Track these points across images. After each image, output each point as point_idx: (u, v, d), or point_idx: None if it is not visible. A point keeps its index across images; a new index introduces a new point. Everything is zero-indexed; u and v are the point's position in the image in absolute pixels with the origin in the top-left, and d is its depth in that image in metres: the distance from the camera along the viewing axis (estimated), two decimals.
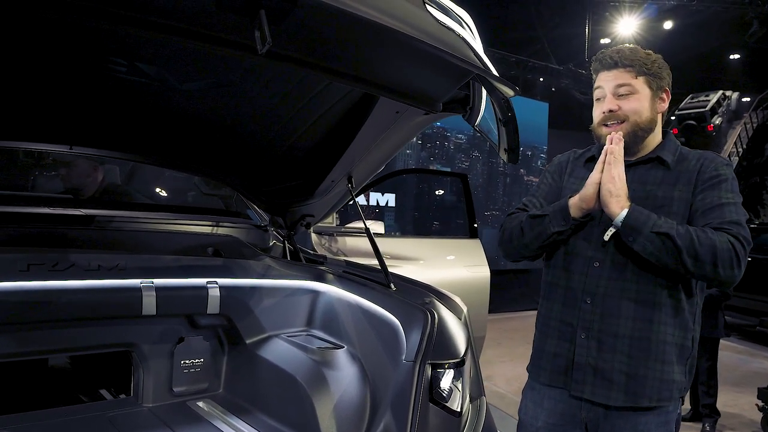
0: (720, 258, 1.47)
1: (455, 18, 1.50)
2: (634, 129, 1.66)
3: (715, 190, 1.60)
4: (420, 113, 1.97)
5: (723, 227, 1.52)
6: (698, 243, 1.48)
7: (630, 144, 1.67)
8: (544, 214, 1.70)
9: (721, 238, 1.49)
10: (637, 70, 1.65)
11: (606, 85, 1.68)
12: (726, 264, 1.48)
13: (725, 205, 1.56)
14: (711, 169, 1.63)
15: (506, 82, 1.56)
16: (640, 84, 1.66)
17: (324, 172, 2.38)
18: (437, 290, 2.12)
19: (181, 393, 2.21)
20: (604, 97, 1.68)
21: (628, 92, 1.65)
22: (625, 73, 1.65)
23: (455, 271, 3.97)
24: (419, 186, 11.98)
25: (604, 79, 1.69)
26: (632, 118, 1.65)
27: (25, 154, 2.73)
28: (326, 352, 2.08)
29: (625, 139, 1.65)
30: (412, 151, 12.29)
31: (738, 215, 1.56)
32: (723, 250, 1.48)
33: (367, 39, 1.37)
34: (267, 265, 2.42)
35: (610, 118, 1.67)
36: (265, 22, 1.05)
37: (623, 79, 1.65)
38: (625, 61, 1.65)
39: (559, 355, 1.71)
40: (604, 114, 1.67)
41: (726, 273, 1.49)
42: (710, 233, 1.50)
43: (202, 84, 2.02)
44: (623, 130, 1.65)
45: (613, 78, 1.67)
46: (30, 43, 1.66)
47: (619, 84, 1.66)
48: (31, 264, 1.84)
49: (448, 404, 1.73)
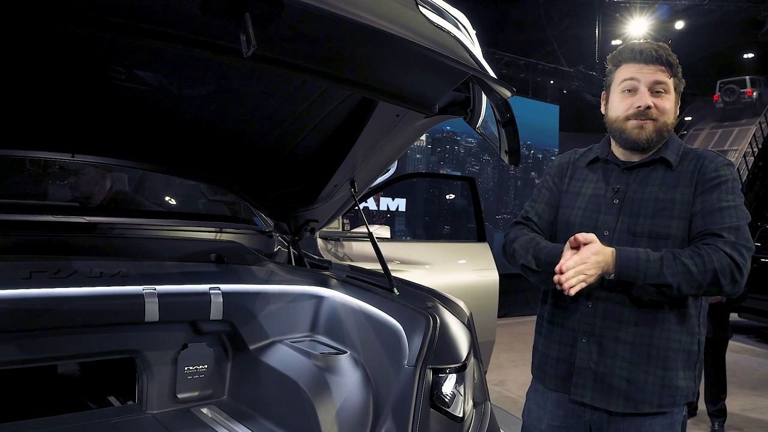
0: (723, 277, 1.46)
1: (450, 19, 1.49)
2: (661, 128, 1.63)
3: (714, 193, 1.57)
4: (420, 116, 1.96)
5: (722, 234, 1.50)
6: (697, 272, 1.47)
7: (654, 142, 1.64)
8: (538, 270, 1.65)
9: (720, 257, 1.47)
10: (671, 71, 1.62)
11: (643, 79, 1.61)
12: (728, 281, 1.47)
13: (725, 209, 1.54)
14: (711, 169, 1.60)
15: (503, 83, 1.54)
16: (671, 84, 1.63)
17: (326, 177, 2.37)
18: (441, 294, 2.11)
19: (185, 399, 2.21)
20: (636, 89, 1.62)
21: (663, 90, 1.62)
22: (664, 71, 1.61)
23: (463, 275, 3.94)
24: (430, 190, 11.98)
25: (640, 72, 1.62)
26: (662, 118, 1.62)
27: (32, 162, 2.76)
28: (329, 358, 2.07)
29: (653, 139, 1.62)
30: (422, 155, 12.29)
31: (738, 219, 1.53)
32: (723, 268, 1.46)
33: (356, 41, 1.36)
34: (270, 270, 2.42)
35: (643, 115, 1.61)
36: (250, 25, 1.04)
37: (662, 77, 1.61)
38: (667, 58, 1.61)
39: (562, 360, 1.70)
40: (638, 109, 1.61)
41: (730, 288, 1.48)
42: (706, 255, 1.47)
43: (201, 90, 2.03)
44: (650, 127, 1.61)
45: (652, 73, 1.61)
46: (30, 53, 1.68)
47: (658, 81, 1.61)
48: (33, 271, 1.84)
49: (449, 410, 1.71)
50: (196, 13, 1.08)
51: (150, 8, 1.13)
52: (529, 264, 1.67)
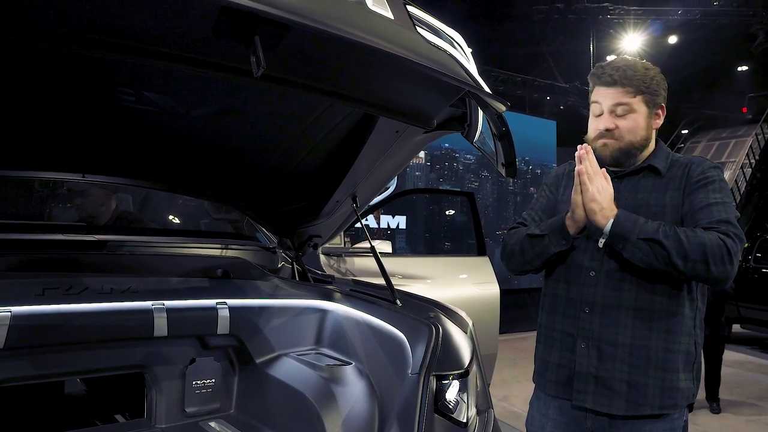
0: (711, 255, 1.47)
1: (446, 38, 1.56)
2: (629, 147, 1.68)
3: (702, 192, 1.61)
4: (419, 132, 2.02)
5: (712, 226, 1.53)
6: (687, 243, 1.49)
7: (623, 161, 1.70)
8: (543, 234, 1.71)
9: (711, 236, 1.49)
10: (636, 89, 1.65)
11: (604, 102, 1.68)
12: (717, 261, 1.47)
13: (713, 205, 1.57)
14: (698, 172, 1.65)
15: (497, 98, 1.61)
16: (638, 103, 1.66)
17: (329, 193, 2.43)
18: (442, 305, 2.15)
19: (193, 413, 2.24)
20: (602, 113, 1.69)
21: (626, 112, 1.66)
22: (624, 93, 1.65)
23: (464, 289, 3.98)
24: (429, 207, 12.03)
25: (601, 95, 1.68)
26: (627, 137, 1.67)
27: (41, 184, 2.81)
28: (335, 369, 2.10)
29: (617, 156, 1.68)
30: (422, 172, 12.36)
31: (727, 214, 1.56)
32: (713, 247, 1.47)
33: (359, 60, 1.43)
34: (275, 285, 2.46)
35: (606, 136, 1.68)
36: (259, 47, 1.11)
37: (621, 98, 1.65)
38: (624, 80, 1.65)
39: (563, 366, 1.72)
40: (599, 131, 1.69)
41: (719, 270, 1.48)
42: (699, 232, 1.51)
43: (208, 110, 2.09)
44: (614, 144, 1.67)
45: (611, 96, 1.66)
46: (43, 76, 1.74)
47: (617, 103, 1.66)
48: (46, 288, 1.89)
49: (454, 415, 1.74)
50: (209, 37, 1.15)
51: (166, 33, 1.20)
52: (533, 232, 1.74)
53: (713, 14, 15.55)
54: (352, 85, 1.55)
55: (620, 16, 15.02)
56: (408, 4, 1.48)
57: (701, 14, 15.27)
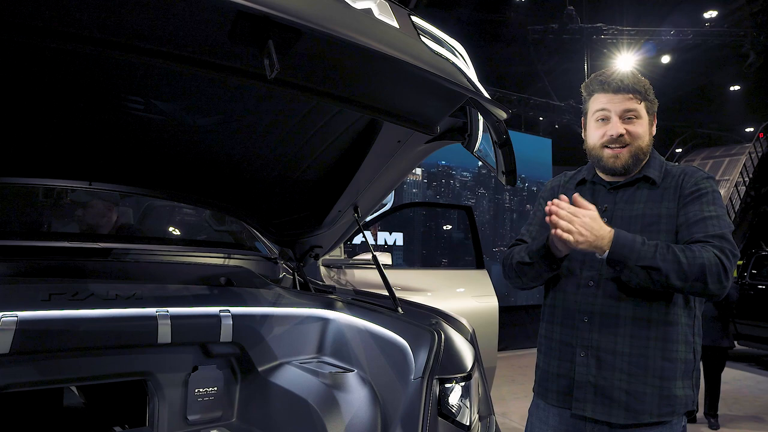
0: (709, 274, 1.50)
1: (448, 47, 1.61)
2: (636, 152, 1.71)
3: (696, 204, 1.64)
4: (421, 142, 2.06)
5: (708, 240, 1.56)
6: (687, 264, 1.51)
7: (631, 167, 1.73)
8: (531, 262, 1.73)
9: (708, 255, 1.52)
10: (641, 96, 1.71)
11: (613, 108, 1.71)
12: (714, 279, 1.50)
13: (708, 219, 1.60)
14: (691, 184, 1.68)
15: (498, 105, 1.65)
16: (642, 109, 1.71)
17: (331, 203, 2.45)
18: (444, 312, 2.17)
19: (195, 422, 2.24)
20: (608, 119, 1.72)
21: (635, 116, 1.70)
22: (632, 99, 1.70)
23: (464, 302, 3.99)
24: (426, 224, 12.07)
25: (609, 102, 1.71)
26: (636, 143, 1.71)
27: (44, 194, 2.84)
28: (337, 376, 2.11)
29: (629, 165, 1.71)
30: (418, 189, 12.42)
31: (721, 228, 1.59)
32: (711, 266, 1.50)
33: (366, 66, 1.47)
34: (278, 293, 2.48)
35: (616, 142, 1.71)
36: (273, 50, 1.15)
37: (630, 104, 1.70)
38: (631, 87, 1.70)
39: (563, 375, 1.73)
40: (611, 137, 1.71)
41: (715, 287, 1.52)
42: (697, 251, 1.53)
43: (214, 120, 2.12)
44: (625, 154, 1.71)
45: (620, 102, 1.70)
46: (51, 83, 1.77)
47: (627, 109, 1.70)
48: (52, 294, 1.91)
49: (457, 419, 1.75)
50: (224, 41, 1.19)
51: (182, 36, 1.24)
52: (523, 259, 1.76)
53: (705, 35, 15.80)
54: (360, 90, 1.59)
55: (614, 36, 15.25)
56: (412, 14, 1.53)
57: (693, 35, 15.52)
